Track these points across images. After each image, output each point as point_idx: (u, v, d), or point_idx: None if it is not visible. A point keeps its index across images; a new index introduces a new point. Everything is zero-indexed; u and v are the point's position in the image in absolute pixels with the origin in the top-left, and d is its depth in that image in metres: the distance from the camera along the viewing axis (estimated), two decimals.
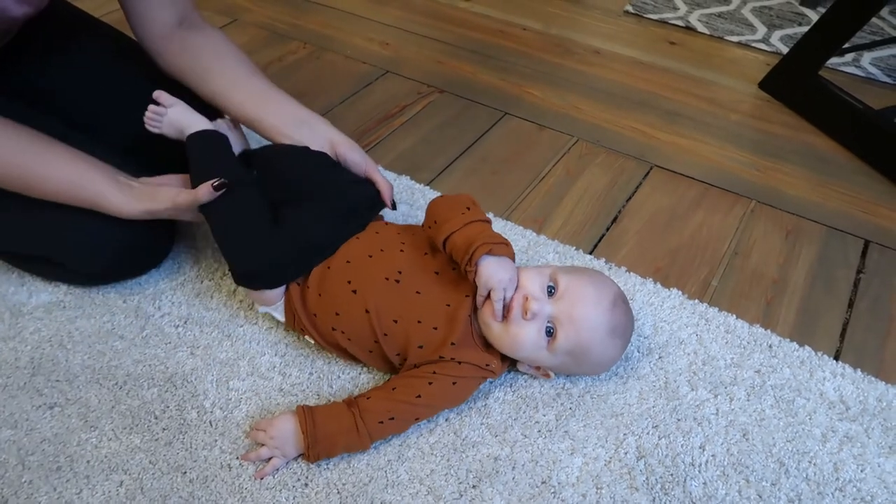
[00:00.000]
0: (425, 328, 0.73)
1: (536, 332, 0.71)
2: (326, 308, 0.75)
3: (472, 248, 0.70)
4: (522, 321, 0.70)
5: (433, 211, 0.77)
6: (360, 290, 0.74)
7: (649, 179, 1.11)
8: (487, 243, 0.71)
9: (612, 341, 0.73)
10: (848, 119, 1.17)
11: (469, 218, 0.74)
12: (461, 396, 0.75)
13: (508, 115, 1.26)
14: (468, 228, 0.73)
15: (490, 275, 0.70)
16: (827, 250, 0.98)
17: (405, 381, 0.73)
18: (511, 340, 0.71)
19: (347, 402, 0.72)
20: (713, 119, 1.26)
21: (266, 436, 0.71)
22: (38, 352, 0.82)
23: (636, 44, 1.48)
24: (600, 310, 0.72)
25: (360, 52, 1.44)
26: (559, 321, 0.71)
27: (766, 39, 1.48)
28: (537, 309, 0.70)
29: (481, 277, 0.70)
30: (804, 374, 0.80)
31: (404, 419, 0.72)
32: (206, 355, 0.81)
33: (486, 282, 0.70)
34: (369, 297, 0.73)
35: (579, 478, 0.71)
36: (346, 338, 0.75)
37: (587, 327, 0.71)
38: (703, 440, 0.74)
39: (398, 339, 0.73)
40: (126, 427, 0.74)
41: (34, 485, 0.69)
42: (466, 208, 0.75)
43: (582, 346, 0.72)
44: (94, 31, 0.98)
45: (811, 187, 1.10)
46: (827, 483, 0.70)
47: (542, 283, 0.73)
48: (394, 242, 0.78)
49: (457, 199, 0.78)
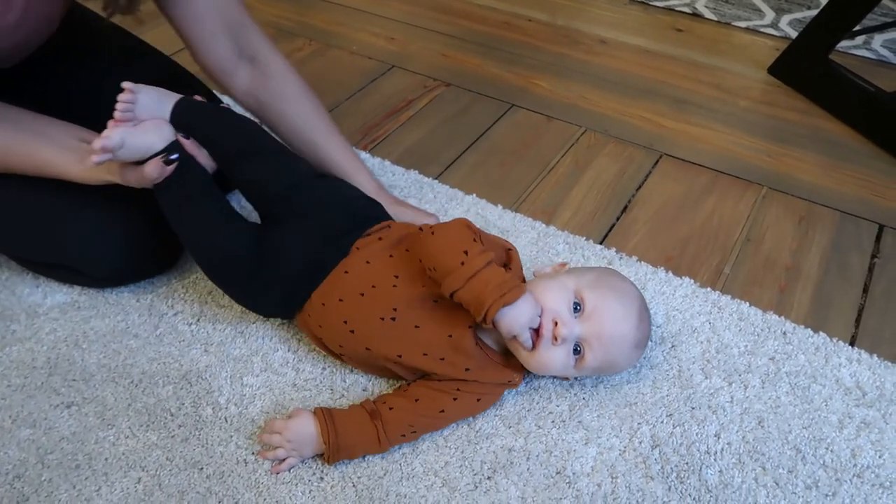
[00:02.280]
0: (432, 359, 0.71)
1: (565, 354, 0.70)
2: (330, 338, 0.76)
3: (484, 309, 0.65)
4: (551, 346, 0.69)
5: (429, 255, 0.70)
6: (357, 330, 0.73)
7: (659, 168, 1.11)
8: (497, 301, 0.65)
9: (636, 352, 0.73)
10: (860, 102, 1.16)
11: (470, 270, 0.66)
12: (482, 409, 0.75)
13: (515, 107, 1.25)
14: (472, 284, 0.66)
15: (510, 326, 0.67)
16: (840, 235, 0.97)
17: (429, 394, 0.72)
18: (540, 364, 0.71)
19: (370, 412, 0.71)
20: (722, 106, 1.25)
21: (282, 438, 0.70)
22: (55, 352, 0.82)
23: (643, 32, 1.47)
24: (628, 327, 0.71)
25: (366, 48, 1.43)
26: (587, 342, 0.70)
27: (775, 24, 1.46)
28: (567, 334, 0.68)
29: (503, 331, 0.67)
30: (819, 361, 0.80)
31: (424, 431, 0.73)
32: (220, 352, 0.82)
33: (509, 332, 0.67)
34: (367, 338, 0.72)
35: (594, 468, 0.71)
36: (353, 362, 0.77)
37: (616, 345, 0.71)
38: (718, 428, 0.74)
39: (408, 367, 0.73)
40: (142, 424, 0.75)
41: (54, 483, 0.70)
42: (464, 252, 0.67)
43: (609, 362, 0.72)
44: (110, 32, 0.98)
45: (823, 172, 1.09)
46: (844, 469, 0.70)
47: (567, 301, 0.70)
48: (386, 276, 0.73)
49: (451, 238, 0.69)
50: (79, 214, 0.81)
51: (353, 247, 0.76)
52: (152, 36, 1.03)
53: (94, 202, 0.81)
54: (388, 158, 1.11)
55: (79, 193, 0.81)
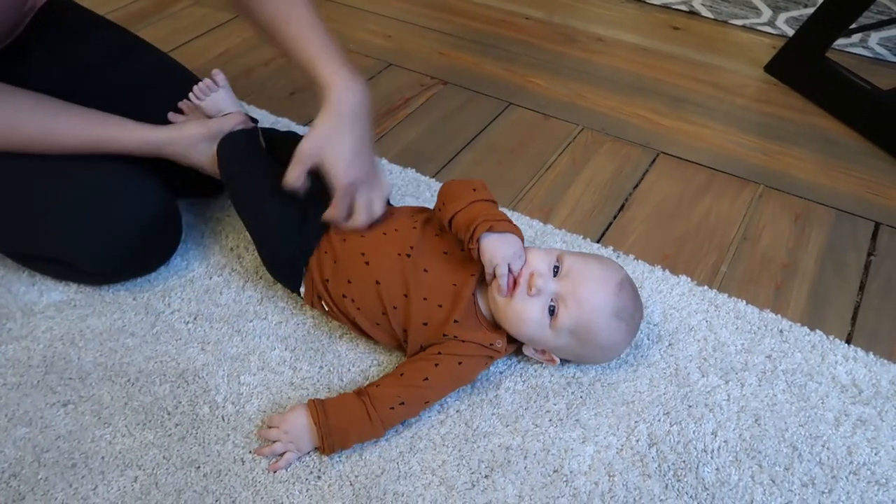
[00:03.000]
0: (430, 305, 0.74)
1: (540, 309, 0.71)
2: (340, 275, 0.77)
3: (473, 225, 0.71)
4: (527, 297, 0.71)
5: (443, 192, 0.78)
6: (373, 262, 0.76)
7: (656, 166, 1.11)
8: (488, 220, 0.71)
9: (617, 324, 0.72)
10: (856, 100, 1.16)
11: (474, 198, 0.74)
12: (468, 376, 0.76)
13: (513, 105, 1.25)
14: (472, 207, 0.73)
15: (493, 251, 0.71)
16: (837, 233, 0.98)
17: (412, 366, 0.74)
18: (515, 316, 0.72)
19: (357, 392, 0.73)
20: (719, 104, 1.25)
21: (280, 431, 0.71)
22: (51, 350, 0.82)
23: (639, 30, 1.47)
24: (605, 291, 0.72)
25: (363, 46, 1.43)
26: (562, 299, 0.71)
27: (772, 22, 1.46)
28: (542, 285, 0.71)
29: (484, 254, 0.71)
30: (816, 359, 0.80)
31: (414, 403, 0.73)
32: (217, 351, 0.82)
33: (490, 259, 0.71)
34: (380, 270, 0.75)
35: (591, 466, 0.71)
36: (355, 307, 0.77)
37: (590, 307, 0.71)
38: (715, 426, 0.74)
39: (404, 313, 0.74)
40: (139, 423, 0.75)
41: (50, 481, 0.70)
42: (473, 189, 0.76)
43: (585, 326, 0.72)
44: (99, 28, 0.98)
45: (820, 170, 1.09)
46: (841, 467, 0.70)
47: (549, 262, 0.73)
48: (408, 222, 0.80)
49: (467, 182, 0.78)
50: (75, 206, 0.81)
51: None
52: (148, 32, 1.03)
53: (90, 194, 0.81)
54: (385, 156, 1.11)
55: (74, 184, 0.81)
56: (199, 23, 0.95)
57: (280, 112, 1.21)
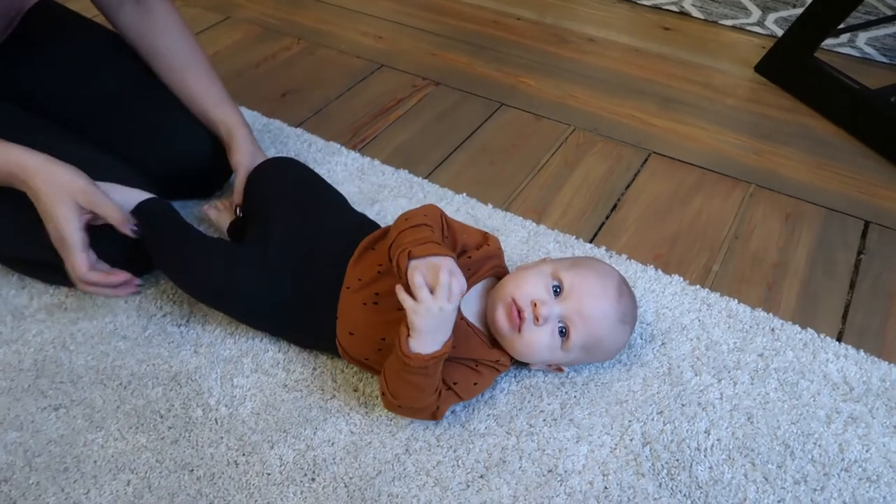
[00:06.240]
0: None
1: (550, 334, 0.71)
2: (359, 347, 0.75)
3: (394, 260, 0.65)
4: (534, 327, 0.70)
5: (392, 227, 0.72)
6: (342, 316, 0.74)
7: (647, 166, 1.11)
8: (405, 250, 0.64)
9: (622, 328, 0.74)
10: (845, 100, 1.17)
11: (400, 227, 0.69)
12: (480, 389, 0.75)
13: (505, 106, 1.25)
14: (398, 238, 0.67)
15: (412, 277, 0.63)
16: (827, 232, 0.98)
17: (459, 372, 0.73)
18: (526, 347, 0.72)
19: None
20: (709, 104, 1.25)
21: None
22: (42, 354, 0.82)
23: (630, 30, 1.48)
24: (607, 301, 0.72)
25: (354, 47, 1.43)
26: (570, 320, 0.71)
27: (761, 22, 1.47)
28: (547, 313, 0.70)
29: (410, 283, 0.63)
30: (807, 357, 0.80)
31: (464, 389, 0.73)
32: (210, 353, 0.81)
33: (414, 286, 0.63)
34: (350, 322, 0.74)
35: (585, 465, 0.71)
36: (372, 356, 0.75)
37: (598, 321, 0.71)
38: (708, 425, 0.74)
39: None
40: (132, 426, 0.74)
41: (42, 486, 0.70)
42: (405, 220, 0.70)
43: (595, 339, 0.72)
44: (82, 30, 0.98)
45: (809, 170, 1.10)
46: (832, 464, 0.71)
47: (545, 284, 0.72)
48: (372, 267, 0.75)
49: (406, 213, 0.72)
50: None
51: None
52: None
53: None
54: (377, 158, 1.11)
55: None
56: (189, 24, 0.95)
57: (271, 114, 1.21)
